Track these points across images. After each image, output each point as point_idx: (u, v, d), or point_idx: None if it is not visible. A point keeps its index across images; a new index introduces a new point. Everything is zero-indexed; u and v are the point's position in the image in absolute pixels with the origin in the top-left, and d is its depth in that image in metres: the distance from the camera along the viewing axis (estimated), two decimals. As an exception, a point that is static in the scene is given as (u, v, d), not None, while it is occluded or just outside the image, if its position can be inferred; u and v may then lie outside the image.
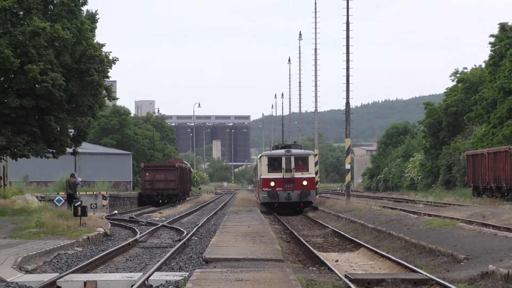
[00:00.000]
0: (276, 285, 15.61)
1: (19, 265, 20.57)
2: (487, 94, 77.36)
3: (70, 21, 44.55)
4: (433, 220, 33.39)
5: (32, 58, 42.43)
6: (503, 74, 72.26)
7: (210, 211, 59.21)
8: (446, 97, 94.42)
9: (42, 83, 42.56)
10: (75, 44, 44.35)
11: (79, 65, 44.92)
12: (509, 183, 53.92)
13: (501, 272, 18.30)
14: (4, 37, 42.03)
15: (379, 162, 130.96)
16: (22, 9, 43.79)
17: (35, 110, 43.93)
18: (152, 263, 22.26)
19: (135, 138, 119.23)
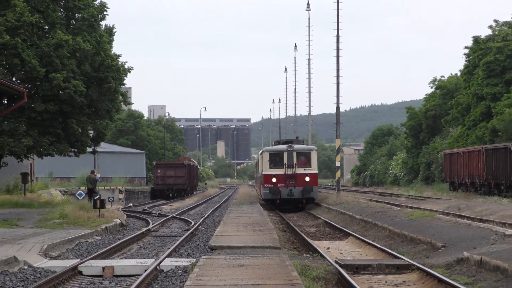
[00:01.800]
0: (274, 270, 15.63)
1: (45, 252, 20.59)
2: (462, 100, 77.41)
3: (90, 34, 44.59)
4: (414, 212, 33.40)
5: (56, 67, 42.50)
6: (476, 82, 72.39)
7: (215, 204, 59.20)
8: (426, 102, 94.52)
9: (65, 89, 42.64)
10: (95, 54, 44.39)
11: (98, 73, 44.98)
12: (481, 179, 53.99)
13: (474, 258, 18.32)
14: (31, 49, 42.11)
15: (366, 160, 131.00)
16: (47, 23, 43.84)
17: (59, 114, 43.99)
18: (163, 250, 22.28)
19: (148, 138, 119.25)
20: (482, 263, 17.75)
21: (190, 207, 54.38)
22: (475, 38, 75.86)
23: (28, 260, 18.69)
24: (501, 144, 53.08)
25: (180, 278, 16.20)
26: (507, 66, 69.21)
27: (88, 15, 44.77)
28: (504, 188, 49.49)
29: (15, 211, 36.65)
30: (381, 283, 17.15)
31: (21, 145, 43.29)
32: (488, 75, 70.56)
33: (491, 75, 70.38)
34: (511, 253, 18.12)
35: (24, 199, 43.62)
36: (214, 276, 14.71)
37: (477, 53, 73.54)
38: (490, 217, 30.76)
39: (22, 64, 41.83)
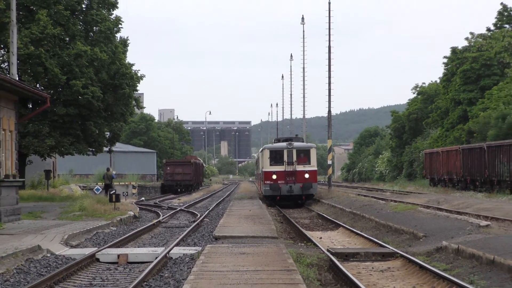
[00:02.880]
0: (272, 257, 15.64)
1: (66, 241, 20.60)
2: (441, 104, 77.46)
3: (107, 45, 44.66)
4: (398, 205, 33.36)
5: (76, 75, 42.57)
6: (454, 88, 72.41)
7: (218, 198, 59.22)
8: (408, 106, 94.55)
9: (84, 95, 42.71)
10: (111, 64, 44.47)
11: (114, 80, 45.06)
12: (458, 176, 54.00)
13: (452, 247, 18.33)
14: (53, 58, 42.18)
15: (354, 159, 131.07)
16: (68, 35, 43.92)
17: (78, 117, 44.06)
18: (172, 240, 22.28)
19: (159, 139, 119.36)
20: (459, 251, 17.76)
21: (196, 201, 54.38)
22: (453, 49, 75.93)
23: (51, 249, 18.69)
24: (476, 144, 53.09)
25: (187, 264, 16.20)
26: (481, 74, 69.26)
27: (104, 28, 44.83)
28: (479, 183, 49.51)
29: (39, 204, 36.70)
30: (368, 269, 17.16)
31: (45, 145, 43.41)
32: (464, 82, 70.58)
33: (467, 82, 70.40)
34: (485, 242, 18.13)
35: (47, 194, 43.65)
36: (218, 263, 14.72)
37: (455, 62, 73.60)
38: (467, 210, 30.76)
39: (45, 72, 41.91)
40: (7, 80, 25.59)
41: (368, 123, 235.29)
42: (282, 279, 12.37)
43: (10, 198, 26.52)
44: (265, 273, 13.14)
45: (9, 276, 14.70)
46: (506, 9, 78.08)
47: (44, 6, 42.71)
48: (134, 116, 66.41)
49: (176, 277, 14.57)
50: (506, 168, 44.04)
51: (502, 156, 44.83)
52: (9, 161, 26.70)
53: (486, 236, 19.47)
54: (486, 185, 47.82)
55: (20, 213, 27.78)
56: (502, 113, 56.93)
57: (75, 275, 15.32)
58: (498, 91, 63.16)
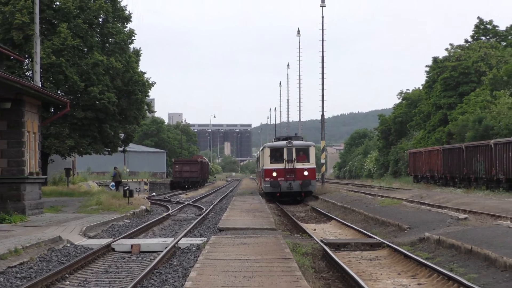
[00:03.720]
0: (271, 247, 15.65)
1: (84, 233, 20.60)
2: (423, 108, 77.43)
3: (121, 55, 44.68)
4: (385, 200, 33.37)
5: (93, 82, 42.59)
6: (435, 94, 72.43)
7: (222, 193, 59.22)
8: (394, 110, 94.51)
9: (100, 100, 42.73)
10: (125, 72, 44.48)
11: (127, 87, 45.07)
12: (439, 173, 53.99)
13: (434, 238, 18.33)
14: (73, 67, 42.22)
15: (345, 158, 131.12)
16: (86, 46, 43.95)
17: (95, 120, 44.07)
18: (180, 231, 22.30)
19: (168, 140, 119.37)
20: (440, 241, 17.76)
21: (202, 196, 54.37)
22: (434, 58, 75.99)
23: (70, 239, 18.71)
24: (455, 145, 53.10)
25: (194, 254, 16.21)
26: (460, 81, 69.27)
27: (119, 39, 44.85)
28: (458, 180, 49.50)
29: (60, 199, 36.72)
30: (358, 258, 17.16)
31: (65, 146, 43.45)
32: (444, 88, 70.59)
33: (447, 89, 70.41)
34: (463, 234, 18.14)
35: (67, 190, 43.67)
36: (222, 253, 14.72)
37: (436, 71, 73.62)
38: (447, 204, 30.75)
39: (65, 80, 41.95)
40: (31, 86, 25.62)
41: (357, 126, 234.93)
42: (280, 267, 12.38)
43: (34, 194, 26.54)
44: (264, 262, 13.14)
45: (33, 264, 14.72)
46: (482, 23, 78.17)
47: (64, 20, 42.76)
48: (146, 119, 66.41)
49: (184, 265, 14.58)
50: (482, 167, 44.05)
51: (479, 155, 44.84)
52: (33, 160, 26.72)
53: (465, 228, 19.48)
54: (465, 181, 47.81)
55: (43, 207, 27.79)
56: (478, 117, 57.01)
57: (93, 263, 15.34)
58: (475, 97, 63.22)
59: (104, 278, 13.58)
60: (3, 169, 24.80)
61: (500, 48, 71.72)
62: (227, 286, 10.37)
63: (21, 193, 25.03)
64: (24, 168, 25.32)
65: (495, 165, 41.61)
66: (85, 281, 13.13)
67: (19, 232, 19.33)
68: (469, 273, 13.61)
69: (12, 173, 24.96)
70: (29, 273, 13.61)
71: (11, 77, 23.69)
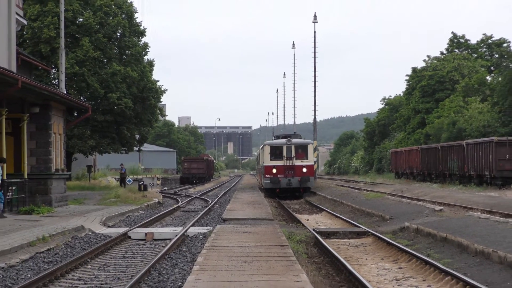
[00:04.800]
0: (269, 235, 15.65)
1: (104, 222, 20.62)
2: (404, 113, 77.37)
3: (136, 66, 44.68)
4: (369, 194, 33.39)
5: (112, 89, 42.59)
6: (414, 100, 72.38)
7: (226, 188, 59.22)
8: (378, 114, 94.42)
9: (118, 105, 42.74)
10: (140, 80, 44.48)
11: (142, 94, 45.06)
12: (418, 170, 53.98)
13: (413, 227, 18.36)
14: (94, 76, 42.24)
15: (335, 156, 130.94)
16: (106, 58, 43.95)
17: (114, 123, 44.08)
18: (189, 221, 22.31)
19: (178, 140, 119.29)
20: (418, 230, 17.78)
21: (208, 190, 54.38)
22: (413, 68, 75.90)
23: (92, 228, 18.71)
24: (432, 145, 53.10)
25: (201, 241, 16.22)
26: (436, 89, 69.27)
27: (135, 51, 44.86)
28: (434, 176, 49.50)
29: (82, 193, 36.73)
30: (345, 245, 17.18)
31: (87, 145, 43.44)
32: (422, 95, 70.57)
33: (425, 95, 70.38)
34: (439, 223, 18.15)
35: (89, 184, 43.65)
36: (225, 240, 14.73)
37: (415, 79, 73.57)
38: (424, 197, 30.78)
39: (87, 87, 41.95)
40: (57, 93, 25.63)
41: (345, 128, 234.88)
42: (277, 253, 12.38)
43: (59, 188, 26.54)
44: (263, 248, 13.15)
45: (59, 250, 14.72)
46: (456, 37, 78.19)
47: (86, 35, 42.76)
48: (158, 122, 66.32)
49: (192, 251, 14.58)
50: (456, 164, 44.05)
51: (453, 154, 44.84)
52: (58, 158, 26.72)
53: (440, 219, 19.49)
54: (440, 177, 47.81)
55: (67, 200, 27.79)
56: (452, 120, 57.00)
57: (111, 249, 15.34)
58: (450, 102, 63.24)
59: (121, 262, 13.58)
60: (33, 166, 24.82)
61: (472, 59, 71.71)
62: (230, 269, 10.37)
63: (48, 187, 25.05)
64: (51, 165, 25.34)
65: (467, 163, 41.62)
66: (104, 265, 13.13)
67: (47, 221, 19.34)
68: (444, 258, 13.62)
69: (40, 170, 25.00)
70: (55, 258, 13.61)
71: (39, 85, 23.73)
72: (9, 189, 22.23)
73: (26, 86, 21.17)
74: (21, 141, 23.77)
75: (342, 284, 11.57)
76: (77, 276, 11.75)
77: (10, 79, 19.97)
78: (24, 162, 23.80)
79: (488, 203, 25.00)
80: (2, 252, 12.82)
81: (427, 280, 11.80)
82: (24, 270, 12.05)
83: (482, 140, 40.54)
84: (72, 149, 43.12)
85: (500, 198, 27.65)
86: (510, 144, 37.41)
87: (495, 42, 74.94)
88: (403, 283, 11.71)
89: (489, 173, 38.10)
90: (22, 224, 18.36)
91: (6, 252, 12.97)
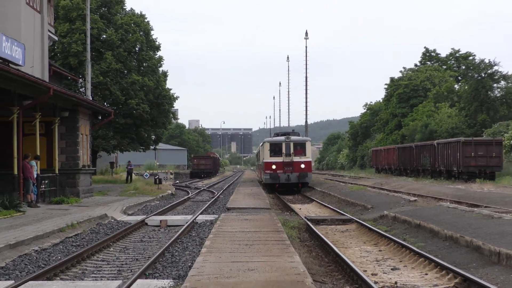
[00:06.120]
0: (267, 222, 15.62)
1: (124, 211, 20.60)
2: (383, 116, 77.35)
3: (152, 76, 44.63)
4: (353, 186, 33.38)
5: (131, 96, 42.54)
6: (392, 105, 72.38)
7: (229, 181, 59.20)
8: (361, 118, 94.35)
9: (137, 110, 42.69)
10: (155, 89, 44.43)
11: (157, 100, 45.00)
12: (395, 166, 53.93)
13: (391, 215, 18.34)
14: (116, 85, 42.20)
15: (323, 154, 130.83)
16: (126, 69, 43.90)
17: (133, 125, 44.02)
18: (198, 210, 22.31)
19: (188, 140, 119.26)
20: (396, 218, 17.76)
21: (214, 183, 54.36)
22: (391, 78, 75.97)
23: (114, 216, 18.70)
24: (407, 144, 53.08)
25: (208, 227, 16.20)
26: (411, 96, 69.29)
27: (151, 64, 44.82)
28: (409, 171, 49.47)
29: (106, 186, 36.74)
30: (333, 230, 17.16)
31: (110, 145, 43.40)
32: (399, 101, 70.57)
33: (401, 101, 70.38)
34: (413, 212, 18.13)
35: (111, 178, 43.67)
36: (229, 226, 14.70)
37: (392, 87, 73.60)
38: (401, 190, 30.79)
39: (110, 94, 41.92)
40: (84, 99, 25.62)
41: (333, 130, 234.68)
42: (273, 237, 12.36)
43: (86, 181, 26.52)
44: (261, 233, 13.12)
45: (85, 235, 14.70)
46: (428, 51, 78.31)
47: (109, 49, 42.72)
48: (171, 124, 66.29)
49: (200, 235, 14.56)
50: (428, 161, 44.03)
51: (425, 152, 44.82)
52: (85, 156, 26.70)
53: (414, 208, 19.47)
54: (414, 172, 47.79)
55: (93, 192, 27.77)
56: (425, 123, 57.01)
57: (131, 234, 15.32)
58: (423, 108, 63.27)
59: (139, 245, 13.56)
60: (63, 162, 24.81)
61: (442, 70, 71.74)
62: (233, 251, 10.35)
63: (76, 181, 25.04)
64: (79, 162, 25.33)
65: (437, 159, 41.60)
66: (125, 248, 13.11)
67: (75, 210, 19.32)
68: (418, 242, 13.59)
69: (69, 166, 24.99)
70: (82, 242, 13.59)
71: (68, 92, 23.73)
72: (42, 183, 22.24)
73: (57, 94, 21.18)
74: (53, 141, 23.76)
75: (330, 264, 11.55)
76: (101, 258, 11.73)
77: (43, 88, 19.99)
78: (55, 159, 23.79)
79: (456, 195, 25.00)
80: (36, 237, 12.80)
81: (403, 261, 11.78)
82: (55, 252, 12.03)
83: (450, 140, 40.52)
84: (97, 148, 43.09)
85: (466, 190, 27.64)
86: (475, 143, 37.41)
87: (462, 56, 74.98)
88: (383, 263, 11.69)
89: (457, 169, 38.09)
90: (54, 212, 18.35)
91: (39, 237, 12.95)
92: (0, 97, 19.06)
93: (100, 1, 43.80)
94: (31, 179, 20.35)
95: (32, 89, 19.63)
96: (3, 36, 19.04)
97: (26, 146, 21.59)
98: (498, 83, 53.65)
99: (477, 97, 52.24)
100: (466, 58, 72.84)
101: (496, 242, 11.15)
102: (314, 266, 10.96)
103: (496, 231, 12.51)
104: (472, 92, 52.79)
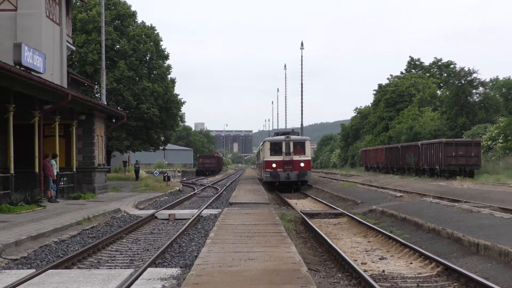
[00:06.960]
0: (266, 216, 15.62)
1: (136, 206, 20.59)
2: (372, 119, 77.32)
3: (162, 83, 44.59)
4: (345, 183, 33.36)
5: (142, 101, 42.49)
6: (380, 109, 72.39)
7: (232, 179, 59.13)
8: (351, 121, 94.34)
9: (147, 114, 42.62)
10: (164, 94, 44.38)
11: (166, 105, 44.94)
12: (383, 164, 53.89)
13: (379, 209, 18.33)
14: (128, 91, 42.13)
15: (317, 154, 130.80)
16: (137, 76, 43.85)
17: (144, 128, 43.97)
18: (203, 205, 22.29)
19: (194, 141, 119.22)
20: (383, 212, 17.76)
21: (218, 180, 54.32)
22: (379, 85, 76.02)
23: (126, 210, 18.69)
24: (394, 145, 53.05)
25: (213, 220, 16.19)
26: (397, 101, 69.30)
27: (160, 71, 44.78)
28: (396, 169, 49.44)
29: (119, 183, 36.72)
30: (326, 223, 17.15)
31: (123, 145, 43.34)
32: (386, 105, 70.59)
33: (388, 106, 70.39)
34: (400, 207, 18.12)
35: (124, 176, 43.60)
36: (231, 219, 14.70)
37: (380, 93, 73.63)
38: (388, 186, 30.78)
39: (123, 99, 41.86)
40: (99, 104, 25.62)
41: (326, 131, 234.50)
42: (272, 230, 12.36)
43: (101, 179, 26.51)
44: (261, 226, 13.12)
45: (100, 227, 14.70)
46: (413, 60, 78.38)
47: (122, 58, 42.69)
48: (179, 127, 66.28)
49: (205, 228, 14.56)
50: (412, 160, 44.02)
51: (410, 152, 44.81)
52: (100, 155, 26.70)
53: (400, 203, 19.47)
54: (400, 170, 47.76)
55: (107, 188, 27.76)
56: (410, 125, 57.01)
57: (142, 227, 15.31)
58: (408, 111, 63.27)
59: (150, 237, 13.55)
60: (80, 161, 24.80)
61: (425, 77, 71.77)
62: (235, 242, 10.35)
63: (92, 178, 25.03)
64: (94, 161, 25.33)
65: (421, 159, 41.59)
66: (136, 239, 13.10)
67: (91, 205, 19.32)
68: (403, 234, 13.60)
69: (86, 165, 25.01)
70: (98, 234, 13.59)
71: (85, 97, 23.76)
72: (61, 180, 22.25)
73: (75, 99, 21.19)
74: (71, 142, 23.76)
75: (323, 254, 11.55)
76: (115, 248, 11.72)
77: (62, 93, 20.03)
78: (73, 159, 23.78)
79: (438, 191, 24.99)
80: (56, 229, 12.80)
81: (390, 251, 11.78)
82: (73, 243, 12.03)
83: (433, 141, 40.52)
84: (111, 148, 43.06)
85: (448, 187, 27.63)
86: (456, 144, 37.43)
87: (444, 64, 74.97)
88: (371, 253, 11.69)
89: (439, 167, 38.08)
90: (71, 207, 18.35)
91: (58, 230, 12.95)
92: (23, 102, 19.08)
93: (114, 15, 43.78)
94: (51, 176, 20.38)
95: (52, 94, 19.66)
96: (26, 47, 19.10)
97: (47, 147, 21.63)
98: (477, 89, 53.73)
99: (457, 102, 52.29)
100: (447, 66, 72.83)
101: (475, 234, 11.16)
102: (309, 256, 10.96)
103: (475, 224, 12.52)
104: (453, 97, 52.83)
